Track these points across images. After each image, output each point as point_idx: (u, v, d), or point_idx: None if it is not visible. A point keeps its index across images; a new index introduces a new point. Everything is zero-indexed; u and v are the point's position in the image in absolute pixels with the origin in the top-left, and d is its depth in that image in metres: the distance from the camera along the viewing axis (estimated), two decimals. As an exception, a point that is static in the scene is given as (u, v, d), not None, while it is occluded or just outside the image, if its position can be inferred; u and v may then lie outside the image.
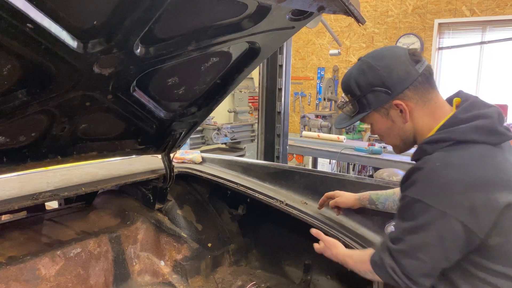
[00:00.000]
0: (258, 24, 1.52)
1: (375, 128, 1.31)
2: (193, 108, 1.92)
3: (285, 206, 1.91)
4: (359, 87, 1.25)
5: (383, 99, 1.22)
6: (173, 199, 2.29)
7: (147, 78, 1.59)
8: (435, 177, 1.10)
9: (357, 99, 1.26)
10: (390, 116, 1.25)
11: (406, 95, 1.21)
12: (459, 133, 1.13)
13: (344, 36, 7.69)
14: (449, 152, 1.12)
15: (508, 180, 1.09)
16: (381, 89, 1.21)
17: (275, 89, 3.04)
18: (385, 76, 1.21)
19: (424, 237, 1.10)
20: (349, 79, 1.28)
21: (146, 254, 2.19)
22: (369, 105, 1.25)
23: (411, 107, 1.22)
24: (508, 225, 1.08)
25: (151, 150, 2.05)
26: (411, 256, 1.12)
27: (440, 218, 1.07)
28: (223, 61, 1.73)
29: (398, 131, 1.27)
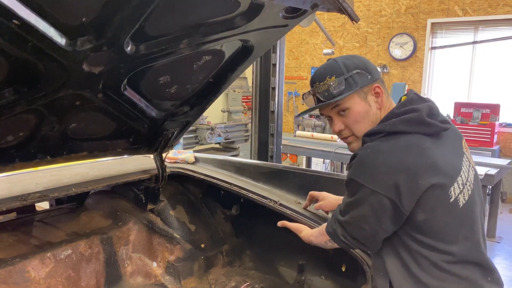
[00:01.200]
0: (251, 22, 1.50)
1: (353, 111, 1.38)
2: (185, 107, 1.90)
3: (279, 206, 1.89)
4: (346, 67, 1.36)
5: (366, 80, 1.36)
6: (166, 200, 2.26)
7: (138, 76, 1.57)
8: (366, 160, 1.28)
9: (345, 77, 1.35)
10: (367, 100, 1.37)
11: (379, 82, 1.39)
12: (390, 125, 1.30)
13: (337, 36, 7.70)
14: (380, 141, 1.29)
15: (432, 164, 1.24)
16: (364, 71, 1.36)
17: (268, 88, 3.02)
18: (366, 62, 1.40)
19: (361, 210, 1.29)
20: (334, 63, 1.39)
21: (138, 255, 2.17)
22: (355, 84, 1.35)
23: (383, 93, 1.39)
24: (432, 203, 1.24)
25: (143, 150, 2.02)
26: (355, 225, 1.33)
27: (371, 194, 1.25)
28: (215, 60, 1.71)
29: (372, 116, 1.38)
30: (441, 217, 1.27)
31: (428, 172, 1.23)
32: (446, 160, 1.29)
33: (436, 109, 1.35)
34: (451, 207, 1.27)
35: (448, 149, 1.34)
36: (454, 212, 1.28)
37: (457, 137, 1.42)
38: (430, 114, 1.32)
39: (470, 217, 1.33)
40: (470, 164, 1.40)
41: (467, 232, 1.31)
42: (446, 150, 1.32)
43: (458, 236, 1.29)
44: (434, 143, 1.29)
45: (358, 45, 7.56)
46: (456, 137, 1.41)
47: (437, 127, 1.31)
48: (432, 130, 1.30)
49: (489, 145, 6.12)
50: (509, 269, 4.11)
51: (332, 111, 1.41)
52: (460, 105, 6.48)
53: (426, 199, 1.23)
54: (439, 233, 1.27)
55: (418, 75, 7.04)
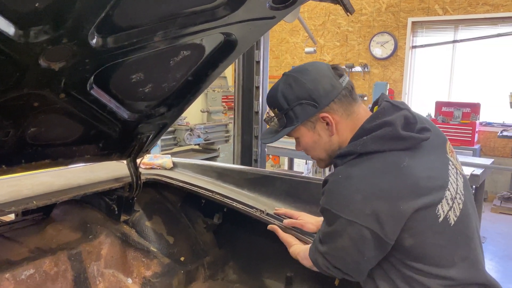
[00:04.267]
0: (235, 12, 1.33)
1: (302, 142, 1.31)
2: (162, 108, 1.71)
3: (266, 216, 1.73)
4: (286, 101, 1.24)
5: (310, 111, 1.23)
6: (141, 210, 2.07)
7: (107, 74, 1.38)
8: (337, 188, 1.17)
9: (285, 112, 1.25)
10: (316, 130, 1.27)
11: (331, 108, 1.23)
12: (361, 146, 1.17)
13: (318, 35, 7.60)
14: (352, 165, 1.18)
15: (413, 184, 1.13)
16: (308, 102, 1.22)
17: (252, 87, 2.85)
18: (311, 89, 1.22)
19: (340, 242, 1.17)
20: (275, 93, 1.28)
21: (111, 271, 1.97)
22: (296, 118, 1.25)
23: (337, 120, 1.24)
24: (419, 227, 1.13)
25: (114, 155, 1.83)
26: (335, 256, 1.22)
27: (349, 225, 1.13)
28: (195, 55, 1.53)
29: (324, 145, 1.29)
30: (432, 239, 1.15)
31: (410, 195, 1.11)
32: (430, 176, 1.16)
33: (412, 118, 1.21)
34: (441, 228, 1.15)
35: (431, 160, 1.20)
36: (445, 233, 1.16)
37: (440, 141, 1.29)
38: (406, 125, 1.18)
39: (464, 234, 1.20)
40: (457, 171, 1.26)
41: (463, 252, 1.19)
42: (429, 162, 1.19)
43: (454, 257, 1.17)
44: (413, 157, 1.16)
45: (339, 44, 7.48)
46: (438, 142, 1.28)
47: (414, 139, 1.18)
48: (409, 144, 1.17)
49: (470, 144, 6.12)
50: (495, 270, 4.07)
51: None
52: (441, 104, 6.48)
53: (412, 224, 1.12)
54: (432, 257, 1.15)
55: (399, 74, 7.00)
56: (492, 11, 6.14)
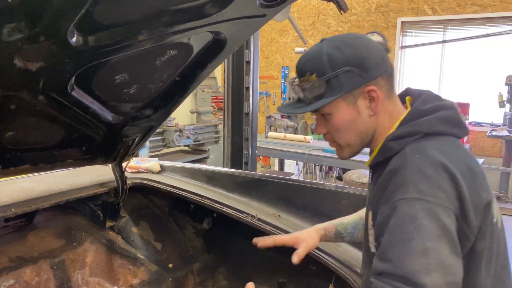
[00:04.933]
0: (224, 10, 1.27)
1: (335, 119, 1.08)
2: (148, 110, 1.64)
3: (258, 222, 1.68)
4: (332, 64, 1.03)
5: (357, 82, 1.04)
6: (128, 215, 2.00)
7: (89, 74, 1.31)
8: (423, 169, 0.94)
9: (327, 79, 1.03)
10: (357, 106, 1.07)
11: (378, 83, 1.05)
12: (426, 125, 1.01)
13: (307, 35, 7.56)
14: (421, 144, 0.99)
15: (482, 172, 1.01)
16: (357, 69, 1.03)
17: (242, 88, 2.78)
18: (363, 55, 1.04)
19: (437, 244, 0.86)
20: (318, 55, 1.06)
21: (97, 280, 1.90)
22: (340, 87, 1.04)
23: (381, 98, 1.06)
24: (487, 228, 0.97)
25: (99, 160, 1.75)
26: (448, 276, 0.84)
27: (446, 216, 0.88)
28: (182, 55, 1.47)
29: (360, 125, 1.08)
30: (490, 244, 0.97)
31: (483, 183, 0.97)
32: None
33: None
34: (493, 230, 0.99)
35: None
36: (494, 236, 1.00)
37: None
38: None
39: (504, 239, 1.05)
40: None
41: (504, 260, 1.04)
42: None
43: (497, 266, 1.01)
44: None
45: (329, 44, 7.45)
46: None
47: (466, 130, 1.06)
48: (463, 133, 1.05)
49: (460, 144, 6.14)
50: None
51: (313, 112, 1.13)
52: (431, 104, 6.48)
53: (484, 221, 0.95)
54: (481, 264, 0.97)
55: (389, 74, 7.00)
56: (481, 11, 6.16)
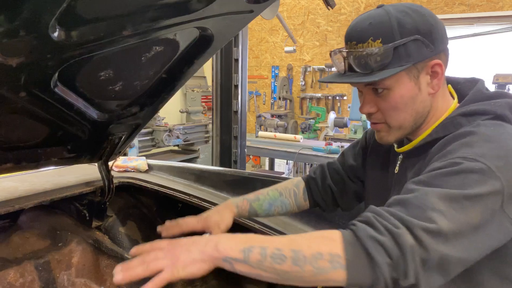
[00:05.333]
0: (210, 5, 1.25)
1: (394, 95, 0.95)
2: (134, 107, 1.62)
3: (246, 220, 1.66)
4: (401, 30, 0.91)
5: (425, 53, 0.93)
6: (114, 215, 1.97)
7: (73, 70, 1.28)
8: (498, 139, 0.84)
9: (396, 45, 0.90)
10: (418, 81, 0.95)
11: (441, 58, 0.96)
12: (499, 107, 0.92)
13: (297, 34, 7.57)
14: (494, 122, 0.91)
15: None
16: (425, 40, 0.92)
17: (230, 86, 2.77)
18: (433, 24, 0.93)
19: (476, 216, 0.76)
20: (386, 18, 0.92)
21: (83, 281, 1.86)
22: (408, 57, 0.92)
23: (443, 75, 0.98)
24: None
25: (84, 158, 1.72)
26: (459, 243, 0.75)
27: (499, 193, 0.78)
28: (168, 51, 1.44)
29: (419, 104, 0.97)
30: None
31: None
32: None
33: None
34: None
35: None
36: None
37: None
38: None
39: None
40: None
41: None
42: None
43: None
44: None
45: (318, 43, 7.46)
46: None
47: None
48: None
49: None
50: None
51: (364, 86, 1.01)
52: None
53: None
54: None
55: (378, 73, 7.03)
56: (468, 11, 6.22)
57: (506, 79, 5.70)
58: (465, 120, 0.93)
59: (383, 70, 0.92)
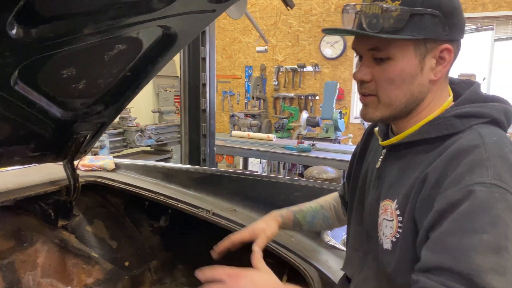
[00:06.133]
0: (171, 4, 1.27)
1: (394, 67, 0.89)
2: (99, 106, 1.62)
3: (212, 216, 1.69)
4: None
5: (439, 33, 0.87)
6: (81, 214, 1.96)
7: (34, 68, 1.28)
8: (504, 154, 0.80)
9: (412, 12, 0.85)
10: (423, 62, 0.89)
11: (453, 47, 0.90)
12: (495, 110, 0.88)
13: (270, 35, 7.63)
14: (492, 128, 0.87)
15: None
16: (444, 20, 0.86)
17: (198, 84, 2.78)
18: (456, 8, 0.88)
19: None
20: None
21: (49, 281, 1.85)
22: (422, 29, 0.86)
23: (450, 63, 0.91)
24: None
25: (49, 157, 1.71)
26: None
27: None
28: (132, 49, 1.45)
29: (416, 86, 0.91)
30: None
31: None
32: None
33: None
34: None
35: None
36: None
37: None
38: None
39: None
40: None
41: None
42: None
43: None
44: None
45: (291, 44, 7.55)
46: None
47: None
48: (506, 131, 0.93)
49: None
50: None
51: (367, 50, 0.92)
52: (389, 102, 6.68)
53: None
54: None
55: (348, 73, 7.16)
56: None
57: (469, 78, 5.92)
58: (459, 123, 0.88)
59: (393, 34, 0.86)
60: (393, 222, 0.91)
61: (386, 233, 0.93)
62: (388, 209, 0.93)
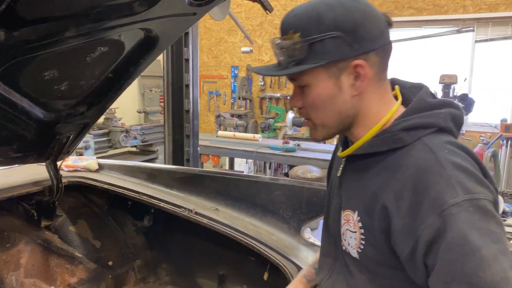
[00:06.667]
0: (152, 8, 1.30)
1: (312, 93, 0.92)
2: (81, 107, 1.64)
3: (195, 215, 1.72)
4: (319, 25, 0.86)
5: (345, 52, 0.87)
6: (64, 214, 1.97)
7: (16, 70, 1.29)
8: (461, 165, 0.81)
9: (311, 41, 0.87)
10: (339, 81, 0.90)
11: (370, 59, 0.89)
12: (441, 119, 0.89)
13: (255, 35, 7.67)
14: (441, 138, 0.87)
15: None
16: (348, 37, 0.86)
17: (182, 85, 2.80)
18: (359, 22, 0.87)
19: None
20: (306, 11, 0.89)
21: (33, 281, 1.86)
22: (323, 54, 0.87)
23: (369, 77, 0.90)
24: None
25: (31, 158, 1.72)
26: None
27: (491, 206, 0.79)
28: (114, 52, 1.48)
29: (340, 105, 0.92)
30: None
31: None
32: None
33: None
34: None
35: None
36: None
37: None
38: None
39: None
40: None
41: None
42: None
43: None
44: None
45: (277, 44, 7.59)
46: None
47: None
48: (458, 136, 0.93)
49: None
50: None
51: (290, 80, 0.96)
52: (373, 103, 6.77)
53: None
54: None
55: (334, 74, 7.24)
56: (416, 14, 6.53)
57: (451, 79, 6.04)
58: (407, 136, 0.88)
59: (299, 65, 0.89)
60: (356, 234, 0.93)
61: (351, 244, 0.95)
62: (351, 220, 0.94)
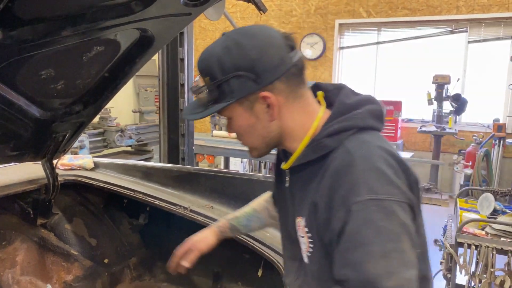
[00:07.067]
0: (148, 8, 1.32)
1: (234, 124, 1.03)
2: (77, 106, 1.65)
3: (190, 213, 1.74)
4: (221, 69, 0.96)
5: (249, 87, 0.96)
6: (60, 212, 1.99)
7: (12, 69, 1.31)
8: (373, 165, 0.88)
9: (218, 84, 0.97)
10: (254, 112, 1.00)
11: (276, 87, 0.97)
12: (359, 119, 0.96)
13: (251, 35, 7.69)
14: (360, 138, 0.94)
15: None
16: (249, 74, 0.95)
17: (177, 85, 2.83)
18: (255, 59, 0.95)
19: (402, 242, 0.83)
20: (209, 57, 0.99)
21: (29, 278, 1.87)
22: (231, 93, 0.97)
23: (281, 103, 0.99)
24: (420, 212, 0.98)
25: (27, 156, 1.73)
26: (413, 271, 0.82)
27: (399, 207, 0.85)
28: (110, 51, 1.50)
29: (261, 130, 1.02)
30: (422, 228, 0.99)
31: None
32: None
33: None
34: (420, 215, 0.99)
35: None
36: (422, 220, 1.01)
37: None
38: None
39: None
40: None
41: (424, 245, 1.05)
42: None
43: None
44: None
45: (272, 44, 7.62)
46: None
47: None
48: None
49: (394, 139, 6.52)
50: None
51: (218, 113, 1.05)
52: (367, 102, 6.81)
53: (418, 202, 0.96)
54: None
55: (328, 74, 7.29)
56: (410, 14, 6.59)
57: (444, 79, 6.11)
58: (331, 141, 0.95)
59: (215, 104, 0.99)
60: (304, 239, 1.00)
61: (303, 249, 1.02)
62: (300, 226, 1.01)
